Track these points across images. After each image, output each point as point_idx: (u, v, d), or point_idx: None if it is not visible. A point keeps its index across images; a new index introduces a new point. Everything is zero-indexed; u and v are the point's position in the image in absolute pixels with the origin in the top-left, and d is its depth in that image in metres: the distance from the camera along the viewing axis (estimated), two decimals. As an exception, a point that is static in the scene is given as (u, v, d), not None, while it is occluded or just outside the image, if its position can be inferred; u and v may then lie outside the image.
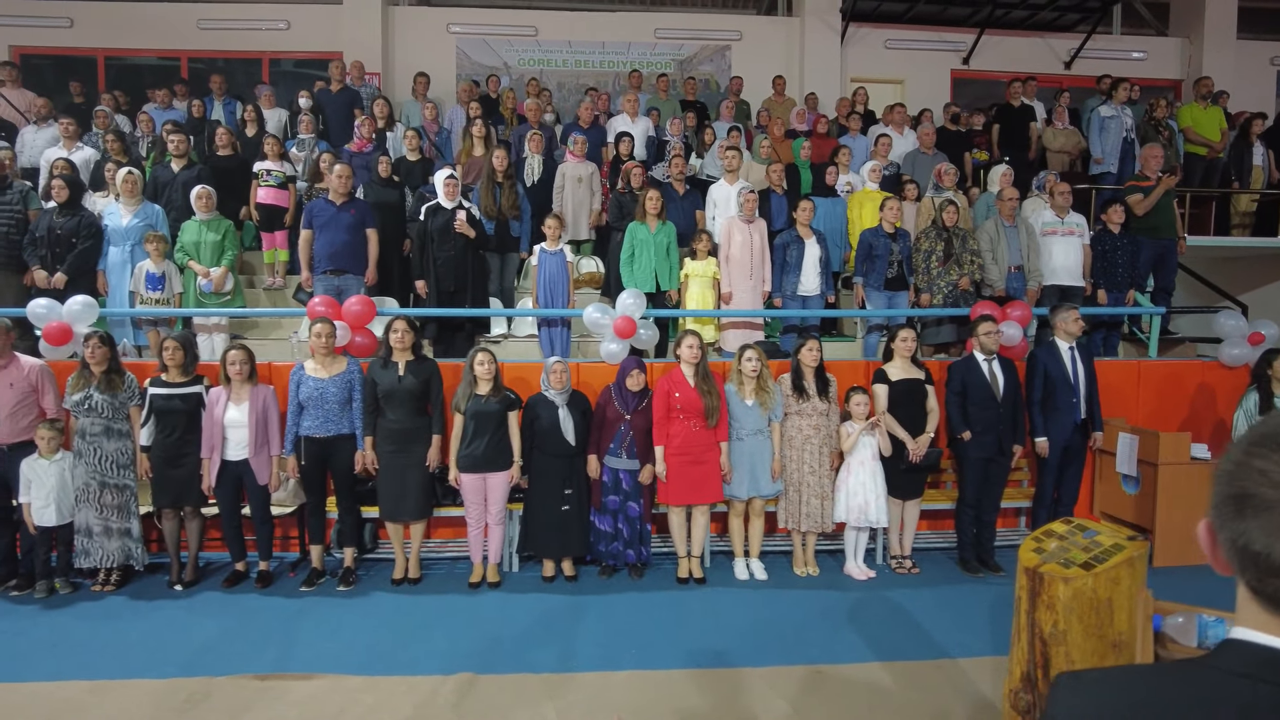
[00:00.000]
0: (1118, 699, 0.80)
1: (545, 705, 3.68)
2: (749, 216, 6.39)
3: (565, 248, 6.34)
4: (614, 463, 5.22)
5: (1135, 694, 0.80)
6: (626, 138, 7.84)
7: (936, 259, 6.51)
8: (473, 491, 5.11)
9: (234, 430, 4.99)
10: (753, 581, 5.31)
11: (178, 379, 5.08)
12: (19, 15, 10.92)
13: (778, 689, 3.86)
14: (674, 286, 6.39)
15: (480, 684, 3.89)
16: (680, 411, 5.13)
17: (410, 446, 5.09)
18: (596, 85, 10.60)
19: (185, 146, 6.97)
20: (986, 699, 3.82)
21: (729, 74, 11.50)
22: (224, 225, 6.31)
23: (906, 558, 5.57)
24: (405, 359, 5.12)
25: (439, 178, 6.25)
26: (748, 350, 5.28)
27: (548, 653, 4.24)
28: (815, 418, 5.34)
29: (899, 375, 5.46)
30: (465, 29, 11.31)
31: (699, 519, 5.31)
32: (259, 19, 11.18)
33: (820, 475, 5.35)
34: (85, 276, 6.13)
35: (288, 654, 4.22)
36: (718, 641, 4.39)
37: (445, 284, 6.13)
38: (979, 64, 11.94)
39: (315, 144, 7.73)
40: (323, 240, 5.98)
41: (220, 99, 9.19)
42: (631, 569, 5.36)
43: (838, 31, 11.46)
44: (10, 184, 6.26)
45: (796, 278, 6.41)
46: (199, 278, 6.12)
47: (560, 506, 5.19)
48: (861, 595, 5.11)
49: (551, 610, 4.82)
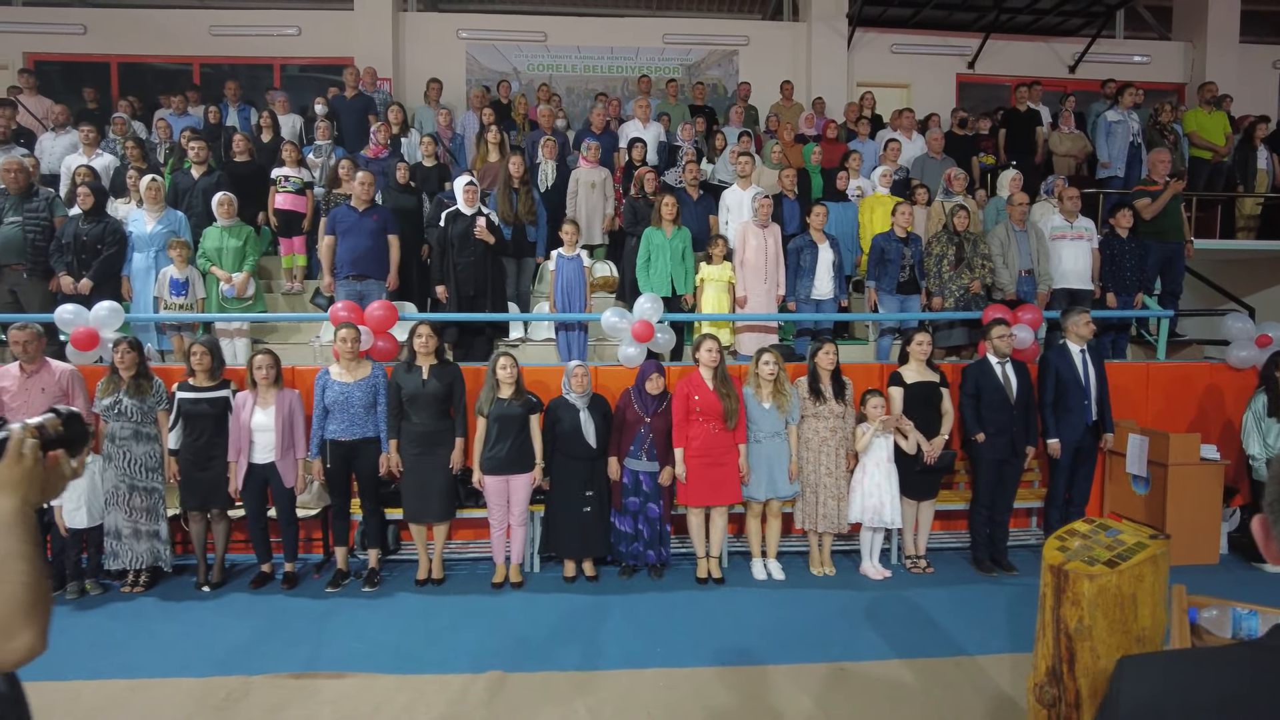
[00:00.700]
0: (1194, 680, 0.89)
1: (576, 703, 3.77)
2: (764, 221, 6.49)
3: (582, 253, 6.43)
4: (634, 465, 5.31)
5: (1210, 674, 0.88)
6: (639, 143, 7.93)
7: (948, 263, 6.61)
8: (496, 493, 5.20)
9: (260, 434, 5.08)
10: (771, 581, 5.39)
11: (205, 383, 5.16)
12: (33, 22, 11.02)
13: (802, 686, 3.94)
14: (689, 291, 6.48)
15: (510, 682, 3.97)
16: (699, 414, 5.22)
17: (434, 449, 5.18)
18: (606, 90, 10.71)
19: (205, 153, 7.06)
20: (1006, 694, 3.90)
21: (736, 79, 11.62)
22: (245, 231, 6.40)
23: (921, 557, 5.66)
24: (429, 363, 5.21)
25: (458, 184, 6.34)
26: (765, 354, 5.37)
27: (574, 651, 4.33)
28: (832, 420, 5.43)
29: (914, 378, 5.55)
30: (475, 34, 11.40)
31: (717, 520, 5.40)
32: (270, 25, 11.27)
33: (837, 477, 5.44)
34: (110, 282, 6.22)
35: (318, 653, 4.30)
36: (741, 640, 4.47)
37: (465, 289, 6.22)
38: (984, 68, 12.04)
39: (332, 150, 7.82)
40: (345, 246, 6.07)
41: (235, 105, 9.28)
42: (651, 569, 5.44)
43: (844, 36, 11.56)
44: (36, 191, 6.34)
45: (810, 282, 6.50)
46: (221, 283, 6.21)
47: (582, 508, 5.28)
48: (878, 594, 5.20)
49: (574, 610, 4.91)
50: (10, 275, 6.17)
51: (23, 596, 1.29)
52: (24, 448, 1.37)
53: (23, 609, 1.28)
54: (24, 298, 6.20)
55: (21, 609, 1.28)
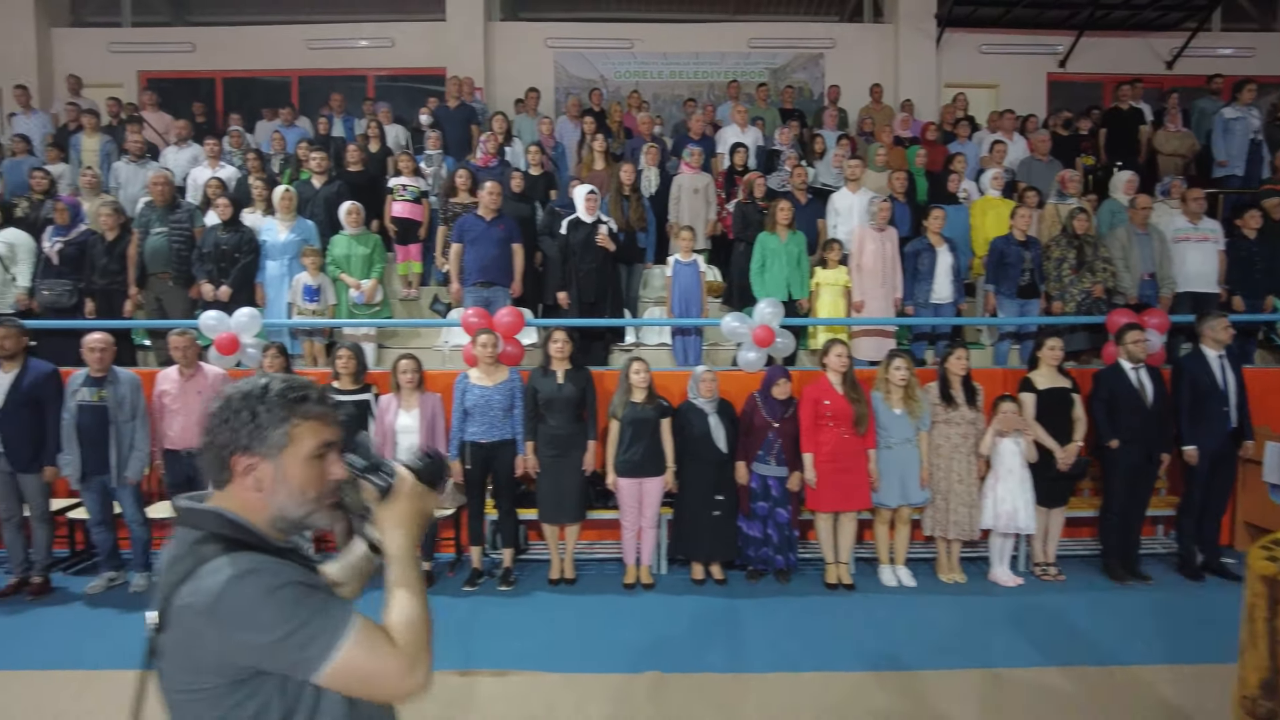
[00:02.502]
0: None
1: (744, 704, 3.82)
2: (881, 225, 6.47)
3: (698, 258, 6.49)
4: (763, 469, 5.34)
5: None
6: (741, 148, 7.98)
7: (1069, 266, 6.51)
8: (629, 496, 5.29)
9: (404, 435, 5.24)
10: (901, 588, 5.38)
11: (349, 386, 5.35)
12: (146, 42, 11.53)
13: (962, 692, 3.94)
14: (805, 295, 6.49)
15: (669, 682, 4.03)
16: (830, 419, 5.24)
17: (569, 451, 5.29)
18: (694, 96, 10.77)
19: (326, 163, 7.32)
20: (1175, 705, 3.84)
21: (822, 82, 11.59)
22: (371, 239, 6.62)
23: (1051, 565, 5.58)
24: (564, 368, 5.33)
25: (579, 193, 6.46)
26: (897, 358, 5.36)
27: (722, 653, 4.38)
28: (964, 426, 5.39)
29: (1046, 384, 5.49)
30: (563, 43, 11.58)
31: (846, 525, 5.40)
32: (365, 37, 11.61)
33: (969, 484, 5.40)
34: (245, 289, 6.48)
35: (471, 651, 4.40)
36: (888, 645, 4.47)
37: (586, 295, 6.34)
38: (1075, 66, 11.79)
39: (442, 159, 8.02)
40: (473, 254, 6.23)
41: (339, 116, 9.58)
42: (778, 574, 5.47)
43: (932, 37, 11.44)
44: (179, 204, 6.65)
45: (929, 286, 6.46)
46: (350, 290, 6.43)
47: (711, 512, 5.33)
48: (1014, 601, 5.15)
49: (710, 611, 4.96)
50: (156, 284, 6.48)
51: (423, 631, 1.34)
52: (412, 488, 1.44)
53: (424, 642, 1.33)
54: (168, 305, 6.50)
55: (423, 642, 1.33)
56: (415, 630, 1.33)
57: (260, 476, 1.36)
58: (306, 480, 1.38)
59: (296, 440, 1.37)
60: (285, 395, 1.38)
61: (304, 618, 1.25)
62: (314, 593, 1.29)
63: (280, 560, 1.31)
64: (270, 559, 1.30)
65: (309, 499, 1.38)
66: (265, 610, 1.24)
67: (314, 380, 1.51)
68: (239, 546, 1.30)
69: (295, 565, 1.33)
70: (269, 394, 1.37)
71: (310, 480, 1.38)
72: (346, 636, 1.26)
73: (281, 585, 1.26)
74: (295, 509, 1.38)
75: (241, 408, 1.36)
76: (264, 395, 1.37)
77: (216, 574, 1.25)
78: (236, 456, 1.36)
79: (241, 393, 1.38)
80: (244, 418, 1.36)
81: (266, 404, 1.37)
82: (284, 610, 1.24)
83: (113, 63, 11.37)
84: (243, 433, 1.35)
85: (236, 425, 1.36)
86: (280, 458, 1.36)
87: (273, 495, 1.37)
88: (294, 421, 1.37)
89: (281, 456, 1.36)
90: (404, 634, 1.32)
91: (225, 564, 1.26)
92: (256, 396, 1.37)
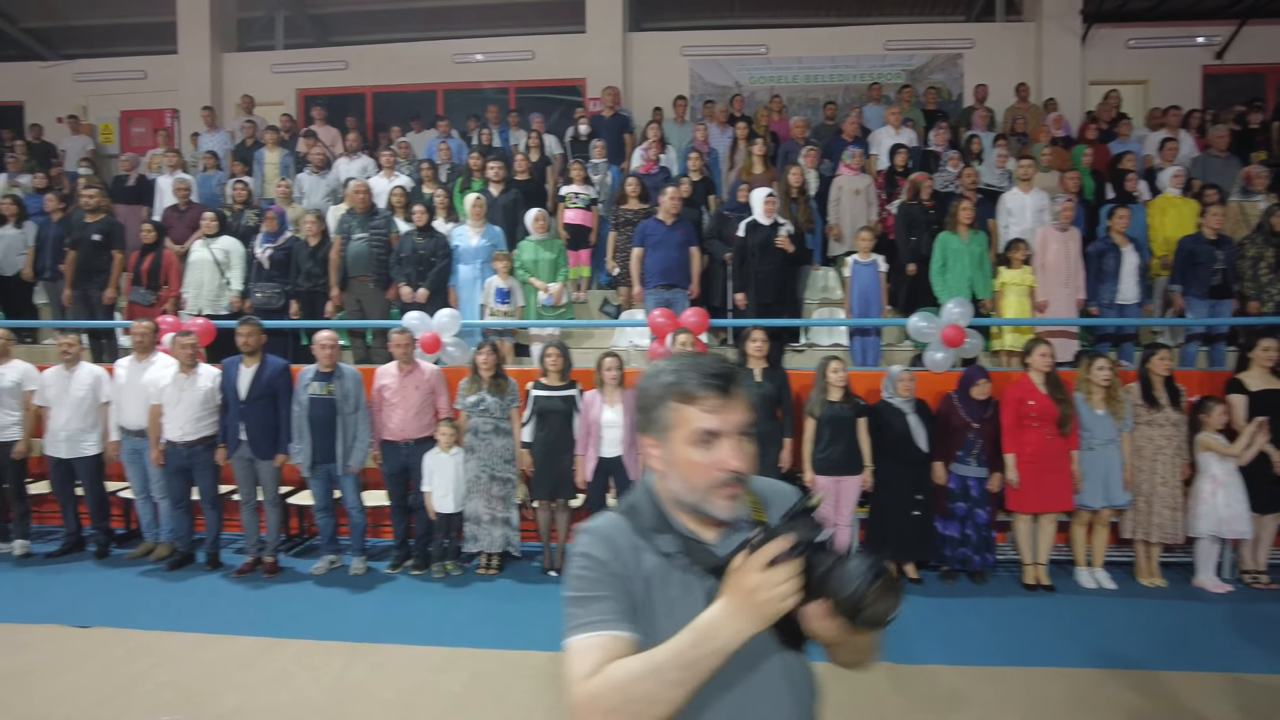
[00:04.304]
0: None
1: (982, 691, 3.88)
2: (1064, 225, 6.40)
3: (878, 259, 6.55)
4: (962, 470, 5.37)
5: None
6: (901, 149, 7.99)
7: (1266, 265, 6.29)
8: (826, 493, 5.39)
9: (609, 430, 5.48)
10: (1101, 590, 5.32)
11: (556, 382, 5.63)
12: (304, 62, 12.29)
13: (1209, 692, 3.90)
14: (988, 296, 6.47)
15: (899, 673, 4.12)
16: (1034, 419, 5.22)
17: (766, 448, 5.40)
18: (831, 99, 10.81)
19: (503, 172, 7.68)
20: None
21: (960, 82, 11.44)
22: (556, 245, 6.93)
23: (1263, 573, 5.41)
24: (760, 366, 5.47)
25: (756, 196, 6.61)
26: (1100, 359, 5.31)
27: (939, 647, 4.43)
28: (1167, 428, 5.30)
29: (1259, 385, 5.34)
30: (698, 51, 11.77)
31: (1046, 527, 5.37)
32: (507, 50, 12.06)
33: (1172, 486, 5.30)
34: (440, 292, 6.87)
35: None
36: (1111, 645, 4.45)
37: (764, 296, 6.48)
38: (1233, 58, 11.29)
39: (607, 167, 8.31)
40: (655, 257, 6.46)
41: (496, 126, 9.99)
42: (974, 574, 5.47)
43: (1077, 34, 11.14)
44: (377, 211, 7.10)
45: (1114, 286, 6.36)
46: (539, 292, 6.74)
47: (910, 511, 5.38)
48: (1228, 608, 5.03)
49: (916, 608, 5.01)
50: (358, 286, 6.93)
51: (628, 699, 1.18)
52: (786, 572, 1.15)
53: (615, 706, 1.18)
54: (367, 306, 6.95)
55: (615, 706, 1.18)
56: (623, 693, 1.17)
57: (658, 458, 1.34)
58: (690, 467, 1.30)
59: (678, 424, 1.31)
60: (666, 376, 1.33)
61: (575, 592, 1.29)
62: (603, 583, 1.28)
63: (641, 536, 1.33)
64: (619, 529, 1.34)
65: (696, 487, 1.30)
66: (569, 565, 1.35)
67: (730, 361, 1.52)
68: (636, 515, 1.36)
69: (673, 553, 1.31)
70: (659, 377, 1.34)
71: (694, 468, 1.29)
72: (577, 637, 1.25)
73: (585, 554, 1.31)
74: (686, 495, 1.32)
75: (641, 391, 1.37)
76: (655, 377, 1.35)
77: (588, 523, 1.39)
78: (641, 437, 1.37)
79: (644, 375, 1.39)
80: (641, 401, 1.36)
81: (654, 387, 1.34)
82: (571, 575, 1.32)
83: (275, 82, 12.13)
84: (640, 417, 1.37)
85: (639, 407, 1.37)
86: (667, 441, 1.33)
87: (666, 478, 1.35)
88: (672, 405, 1.31)
89: (668, 440, 1.32)
90: (611, 683, 1.19)
91: (596, 518, 1.38)
92: (650, 376, 1.36)
